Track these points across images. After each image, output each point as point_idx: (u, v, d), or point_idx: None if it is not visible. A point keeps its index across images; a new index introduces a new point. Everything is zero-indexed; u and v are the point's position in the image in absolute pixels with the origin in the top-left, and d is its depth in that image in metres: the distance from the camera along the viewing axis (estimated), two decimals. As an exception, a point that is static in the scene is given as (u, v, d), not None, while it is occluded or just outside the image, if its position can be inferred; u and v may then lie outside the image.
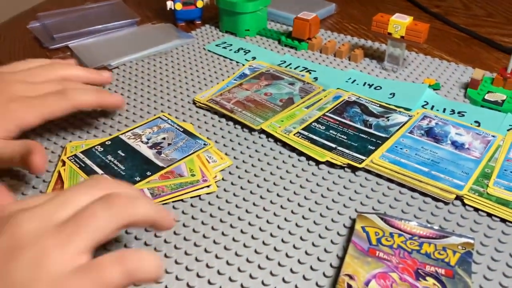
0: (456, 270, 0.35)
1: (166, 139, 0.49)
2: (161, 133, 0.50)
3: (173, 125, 0.51)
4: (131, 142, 0.49)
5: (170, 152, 0.47)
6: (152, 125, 0.51)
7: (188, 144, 0.48)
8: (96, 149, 0.48)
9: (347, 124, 0.51)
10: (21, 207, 0.31)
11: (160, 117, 0.53)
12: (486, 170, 0.45)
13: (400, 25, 0.59)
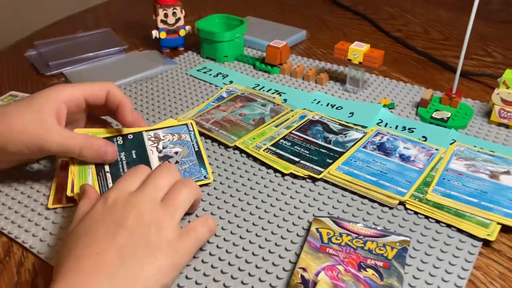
0: (392, 262, 0.42)
1: (178, 154, 0.52)
2: (177, 146, 0.53)
3: (193, 140, 0.54)
4: (148, 145, 0.52)
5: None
6: (176, 131, 0.55)
7: (191, 170, 0.51)
8: (117, 140, 0.52)
9: (310, 140, 0.58)
10: (128, 191, 0.42)
11: (188, 124, 0.56)
12: (427, 179, 0.52)
13: (358, 52, 0.67)
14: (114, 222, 0.39)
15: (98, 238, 0.37)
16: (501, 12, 1.02)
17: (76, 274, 0.35)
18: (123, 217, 0.39)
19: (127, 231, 0.38)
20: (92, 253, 0.36)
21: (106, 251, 0.37)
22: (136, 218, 0.39)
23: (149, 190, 0.42)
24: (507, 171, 0.53)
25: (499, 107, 0.61)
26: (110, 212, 0.40)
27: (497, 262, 0.44)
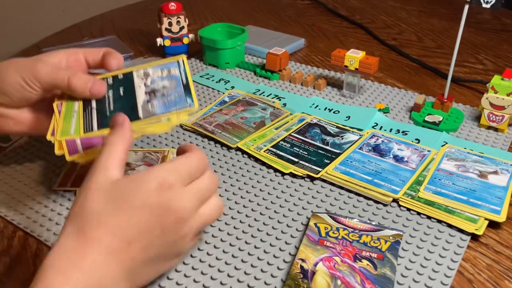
0: (385, 254, 0.45)
1: (165, 88, 0.49)
2: (165, 80, 0.50)
3: (182, 74, 0.51)
4: (137, 82, 0.50)
5: (157, 103, 0.48)
6: (166, 67, 0.51)
7: (176, 100, 0.48)
8: (107, 80, 0.51)
9: (309, 142, 0.61)
10: (183, 184, 0.39)
11: (179, 61, 0.52)
12: (419, 178, 0.55)
13: (354, 59, 0.70)
14: (156, 215, 0.37)
15: (138, 225, 0.36)
16: (491, 22, 1.06)
17: (97, 252, 0.35)
18: (167, 215, 0.37)
19: (165, 230, 0.37)
20: (123, 238, 0.36)
21: (136, 242, 0.36)
22: (176, 222, 0.38)
23: (200, 199, 0.40)
24: (495, 171, 0.56)
25: (488, 111, 0.64)
26: (159, 202, 0.37)
27: (485, 254, 0.47)
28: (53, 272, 0.33)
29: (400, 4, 1.18)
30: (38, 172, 0.57)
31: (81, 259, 0.34)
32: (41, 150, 0.62)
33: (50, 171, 0.57)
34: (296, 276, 0.42)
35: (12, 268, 0.45)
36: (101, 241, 0.35)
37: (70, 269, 0.34)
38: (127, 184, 0.37)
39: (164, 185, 0.37)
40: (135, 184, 0.37)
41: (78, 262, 0.34)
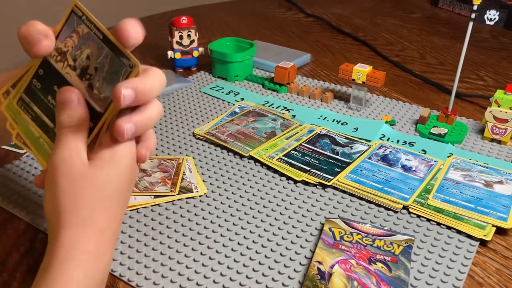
0: (399, 257, 0.46)
1: (91, 58, 0.37)
2: (83, 48, 0.38)
3: (90, 26, 0.37)
4: (61, 70, 0.38)
5: (101, 84, 0.37)
6: (69, 30, 0.38)
7: (113, 69, 0.37)
8: (35, 85, 0.39)
9: (319, 151, 0.63)
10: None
11: (73, 10, 0.38)
12: (428, 187, 0.57)
13: (361, 73, 0.73)
14: (130, 182, 0.39)
15: (122, 201, 0.38)
16: (490, 41, 1.09)
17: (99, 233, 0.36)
18: (135, 176, 0.39)
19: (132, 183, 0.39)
20: (117, 216, 0.37)
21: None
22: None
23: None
24: (500, 181, 0.58)
25: (491, 124, 0.66)
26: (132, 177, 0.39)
27: (493, 259, 0.48)
28: (73, 267, 0.34)
29: (402, 22, 1.21)
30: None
31: (98, 249, 0.35)
32: (57, 156, 0.63)
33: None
34: (314, 278, 0.44)
35: (35, 269, 0.46)
36: (110, 228, 0.36)
37: (89, 261, 0.35)
38: (107, 169, 0.36)
39: (133, 158, 0.38)
40: (114, 168, 0.37)
41: (94, 252, 0.35)
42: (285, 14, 1.28)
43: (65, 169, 0.36)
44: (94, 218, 0.35)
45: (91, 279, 0.35)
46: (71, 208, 0.35)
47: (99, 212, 0.36)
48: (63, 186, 0.35)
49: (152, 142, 0.40)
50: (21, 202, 0.54)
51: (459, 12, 1.28)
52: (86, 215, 0.35)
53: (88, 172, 0.36)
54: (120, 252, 0.48)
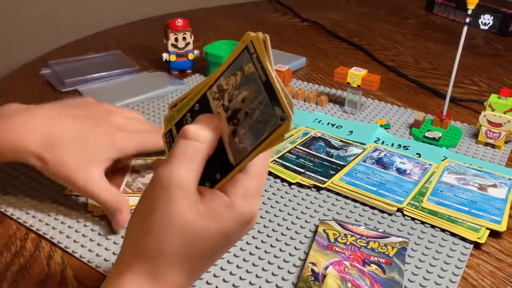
0: (393, 259, 0.46)
1: (246, 103, 0.33)
2: (242, 88, 0.34)
3: (258, 67, 0.33)
4: (214, 108, 0.36)
5: (245, 133, 0.33)
6: (237, 67, 0.35)
7: (263, 117, 0.32)
8: (187, 120, 0.38)
9: (314, 154, 0.63)
10: None
11: (248, 48, 0.34)
12: (422, 190, 0.57)
13: (356, 76, 0.73)
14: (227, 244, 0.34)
15: (208, 261, 0.34)
16: (484, 47, 1.10)
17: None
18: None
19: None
20: (194, 276, 0.34)
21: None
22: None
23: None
24: (494, 184, 0.58)
25: (485, 128, 0.67)
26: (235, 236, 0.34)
27: (487, 262, 0.48)
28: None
29: (397, 28, 1.22)
30: (49, 177, 0.58)
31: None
32: (50, 157, 0.62)
33: (60, 177, 0.58)
34: (308, 279, 0.43)
35: (26, 269, 0.45)
36: (180, 286, 0.32)
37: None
38: (210, 224, 0.32)
39: (248, 220, 0.33)
40: (218, 225, 0.32)
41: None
42: (281, 19, 1.29)
43: (168, 196, 0.31)
44: (167, 274, 0.31)
45: None
46: (151, 252, 0.31)
47: (176, 269, 0.32)
48: (158, 217, 0.31)
49: None
50: (13, 202, 0.54)
51: (454, 19, 1.29)
52: (161, 267, 0.31)
53: (189, 216, 0.31)
54: (112, 253, 0.47)
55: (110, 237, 0.49)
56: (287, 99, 0.31)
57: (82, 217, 0.52)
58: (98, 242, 0.48)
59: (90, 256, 0.47)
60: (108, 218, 0.50)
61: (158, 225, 0.31)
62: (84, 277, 0.45)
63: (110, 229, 0.50)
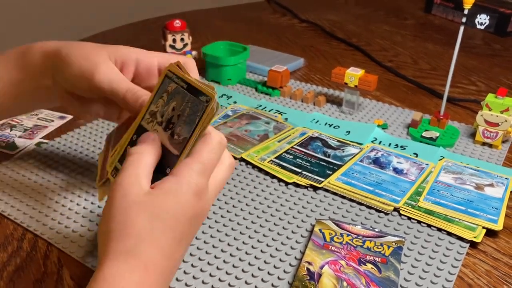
0: (389, 258, 0.46)
1: (176, 109, 0.39)
2: (170, 102, 0.39)
3: (178, 83, 0.39)
4: (151, 129, 0.40)
5: (181, 128, 0.38)
6: (162, 91, 0.40)
7: (193, 107, 0.38)
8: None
9: (311, 154, 0.63)
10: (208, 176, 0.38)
11: (167, 75, 0.41)
12: (419, 189, 0.57)
13: (354, 76, 0.73)
14: (195, 222, 0.37)
15: (181, 237, 0.36)
16: (482, 47, 1.10)
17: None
18: (202, 217, 0.38)
19: (197, 227, 0.38)
20: (172, 255, 0.35)
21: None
22: (204, 216, 0.39)
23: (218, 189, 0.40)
24: (491, 184, 0.58)
25: (483, 127, 0.67)
26: (197, 212, 0.37)
27: (483, 261, 0.48)
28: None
29: (395, 29, 1.22)
30: (45, 177, 0.58)
31: (140, 285, 0.32)
32: (47, 157, 0.63)
33: (55, 177, 0.58)
34: (303, 278, 0.43)
35: (23, 269, 0.46)
36: (156, 264, 0.33)
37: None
38: (164, 199, 0.35)
39: (198, 192, 0.36)
40: (172, 198, 0.35)
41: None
42: (279, 20, 1.29)
43: (121, 193, 0.35)
44: (140, 250, 0.33)
45: None
46: (119, 235, 0.33)
47: (147, 244, 0.33)
48: (116, 211, 0.34)
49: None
50: (10, 202, 0.54)
51: (452, 19, 1.29)
52: (132, 245, 0.33)
53: (144, 199, 0.34)
54: (109, 253, 0.47)
55: (107, 237, 0.49)
56: (207, 86, 0.37)
57: (79, 218, 0.52)
58: (95, 243, 0.48)
59: (86, 256, 0.47)
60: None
61: (119, 213, 0.34)
62: (81, 277, 0.45)
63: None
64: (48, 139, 0.67)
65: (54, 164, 0.61)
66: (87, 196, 0.55)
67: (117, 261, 0.32)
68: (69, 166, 0.61)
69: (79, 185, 0.57)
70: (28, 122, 0.71)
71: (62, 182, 0.58)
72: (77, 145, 0.66)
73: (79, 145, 0.66)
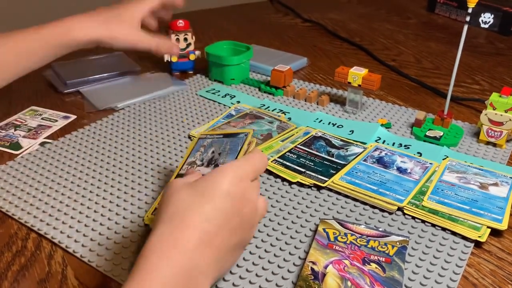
0: (393, 258, 0.46)
1: (215, 151, 0.51)
2: (208, 150, 0.52)
3: (213, 137, 0.54)
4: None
5: (224, 158, 0.49)
6: (198, 148, 0.54)
7: (232, 143, 0.50)
8: None
9: (314, 153, 0.63)
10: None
11: (200, 138, 0.55)
12: (423, 189, 0.57)
13: (357, 76, 0.73)
14: (236, 203, 0.40)
15: (223, 212, 0.39)
16: (486, 46, 1.10)
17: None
18: (243, 203, 0.41)
19: (243, 218, 0.41)
20: (214, 223, 0.38)
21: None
22: (251, 211, 0.41)
23: (258, 194, 0.44)
24: (495, 183, 0.58)
25: (487, 127, 0.66)
26: (236, 191, 0.40)
27: (488, 260, 0.48)
28: (155, 256, 0.35)
29: (398, 28, 1.22)
30: (49, 177, 0.58)
31: (180, 242, 0.36)
32: (51, 157, 0.63)
33: (59, 177, 0.59)
34: (308, 278, 0.43)
35: (27, 268, 0.46)
36: (196, 226, 0.37)
37: (171, 251, 0.36)
38: (205, 180, 0.40)
39: (237, 177, 0.40)
40: (213, 178, 0.40)
41: (178, 244, 0.36)
42: (282, 19, 1.29)
43: (170, 186, 0.42)
44: (180, 213, 0.38)
45: (171, 270, 0.35)
46: (165, 207, 0.40)
47: (186, 209, 0.39)
48: (165, 197, 0.41)
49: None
50: (14, 202, 0.54)
51: (455, 18, 1.29)
52: (174, 211, 0.39)
53: (186, 185, 0.41)
54: (113, 253, 0.47)
55: (111, 237, 0.49)
56: (240, 130, 0.50)
57: (83, 217, 0.52)
58: (99, 242, 0.49)
59: (90, 255, 0.47)
60: (110, 221, 0.51)
61: (167, 196, 0.41)
62: (85, 277, 0.45)
63: (111, 229, 0.50)
64: (52, 139, 0.67)
65: (58, 164, 0.61)
66: (91, 196, 0.55)
67: (163, 226, 0.38)
68: (73, 166, 0.61)
69: (83, 185, 0.57)
70: (32, 122, 0.72)
71: (66, 182, 0.58)
72: (81, 145, 0.66)
73: (83, 145, 0.66)
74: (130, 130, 0.70)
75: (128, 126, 0.71)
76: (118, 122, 0.72)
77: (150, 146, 0.66)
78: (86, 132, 0.69)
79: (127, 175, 0.59)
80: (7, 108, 0.76)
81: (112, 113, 0.75)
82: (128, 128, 0.71)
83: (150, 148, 0.65)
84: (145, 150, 0.65)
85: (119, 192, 0.56)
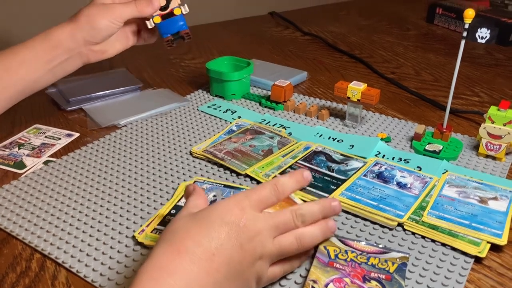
0: (393, 275, 0.47)
1: (218, 196, 0.56)
2: (209, 193, 0.57)
3: (213, 184, 0.59)
4: None
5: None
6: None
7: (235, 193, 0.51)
8: (168, 219, 0.54)
9: (315, 169, 0.64)
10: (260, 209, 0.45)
11: (196, 181, 0.60)
12: (423, 204, 0.57)
13: (356, 90, 0.73)
14: (234, 230, 0.41)
15: (219, 237, 0.40)
16: (485, 57, 1.10)
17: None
18: (243, 231, 0.41)
19: (243, 247, 0.41)
20: (208, 249, 0.39)
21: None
22: (251, 240, 0.41)
23: (276, 226, 0.43)
24: (495, 197, 0.58)
25: (486, 140, 0.67)
26: (235, 219, 0.41)
27: (488, 276, 0.48)
28: (146, 278, 0.37)
29: (398, 40, 1.23)
30: (52, 196, 0.59)
31: (171, 265, 0.38)
32: (53, 176, 0.63)
33: (62, 196, 0.59)
34: (308, 296, 0.44)
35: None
36: (188, 250, 0.39)
37: (162, 275, 0.37)
38: (206, 209, 0.43)
39: (238, 206, 0.42)
40: (214, 206, 0.42)
41: (169, 268, 0.38)
42: (282, 33, 1.30)
43: (176, 216, 0.44)
44: (175, 238, 0.40)
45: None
46: (165, 232, 0.42)
47: (180, 234, 0.41)
48: (169, 223, 0.43)
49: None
50: (18, 222, 0.55)
51: (455, 29, 1.30)
52: (170, 236, 0.41)
53: (187, 215, 0.43)
54: (116, 272, 0.48)
55: (114, 256, 0.50)
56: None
57: (87, 237, 0.52)
58: (102, 262, 0.49)
59: (94, 275, 0.47)
60: (113, 240, 0.51)
61: (170, 224, 0.43)
62: (88, 297, 0.46)
63: (114, 248, 0.51)
64: (56, 157, 0.68)
65: (62, 183, 0.62)
66: (95, 215, 0.56)
67: (158, 250, 0.40)
68: (77, 185, 0.62)
69: (86, 204, 0.58)
70: (36, 140, 0.73)
71: (69, 201, 0.58)
72: (84, 163, 0.67)
73: (86, 163, 0.67)
74: (132, 147, 0.71)
75: (130, 143, 0.72)
76: (120, 139, 0.73)
77: (152, 164, 0.67)
78: (89, 150, 0.70)
79: (129, 193, 0.60)
80: (11, 126, 0.77)
81: (115, 130, 0.76)
82: (131, 146, 0.71)
83: (153, 166, 0.66)
84: (147, 168, 0.66)
85: (122, 211, 0.57)
